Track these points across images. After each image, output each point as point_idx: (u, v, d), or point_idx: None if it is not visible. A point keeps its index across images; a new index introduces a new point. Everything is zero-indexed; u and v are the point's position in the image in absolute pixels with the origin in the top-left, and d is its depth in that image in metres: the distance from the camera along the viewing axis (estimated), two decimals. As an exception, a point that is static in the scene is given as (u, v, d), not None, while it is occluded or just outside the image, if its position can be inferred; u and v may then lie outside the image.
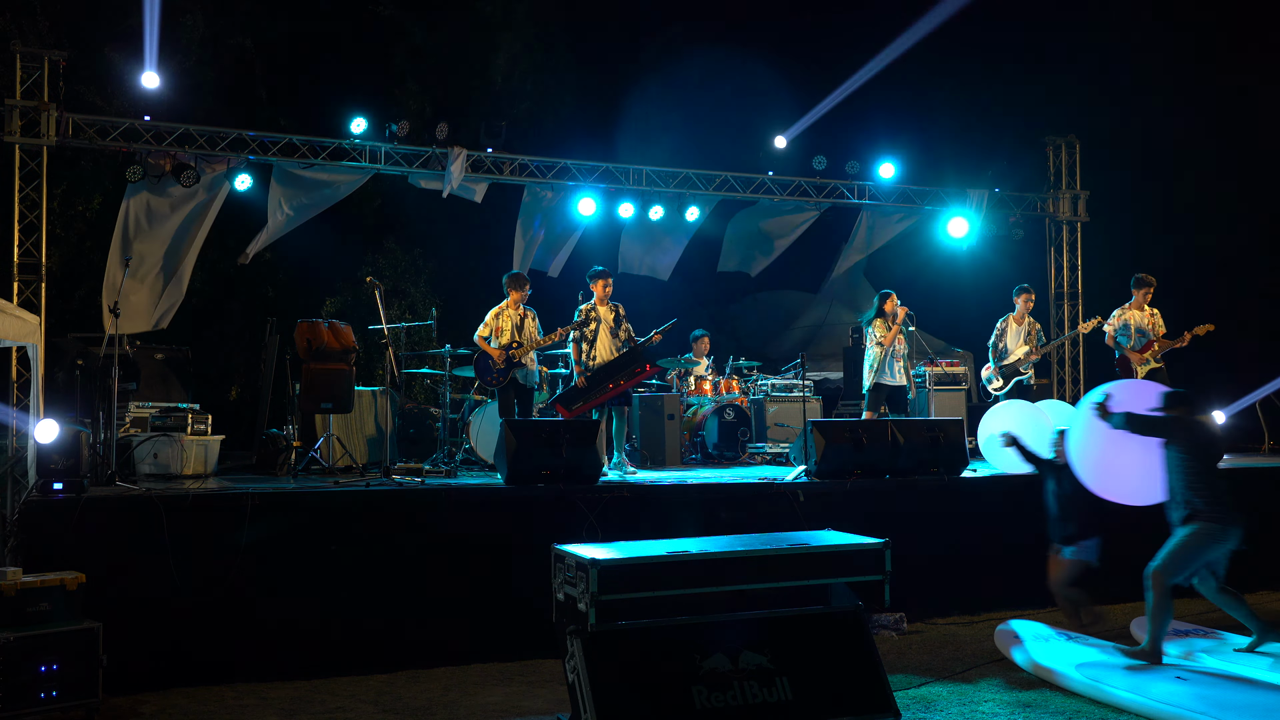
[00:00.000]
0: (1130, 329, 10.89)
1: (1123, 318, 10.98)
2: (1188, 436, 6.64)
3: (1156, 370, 10.72)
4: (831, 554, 5.85)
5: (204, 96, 14.36)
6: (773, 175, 13.46)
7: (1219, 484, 6.57)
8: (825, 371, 15.53)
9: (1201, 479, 6.54)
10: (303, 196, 11.71)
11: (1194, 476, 6.54)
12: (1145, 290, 10.92)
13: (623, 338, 9.59)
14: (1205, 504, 6.50)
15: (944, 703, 6.11)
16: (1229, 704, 5.67)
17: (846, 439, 8.55)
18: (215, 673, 6.63)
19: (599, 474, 8.01)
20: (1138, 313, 10.92)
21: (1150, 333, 10.84)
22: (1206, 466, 6.59)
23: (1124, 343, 10.89)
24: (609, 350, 9.54)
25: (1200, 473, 6.56)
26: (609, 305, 9.69)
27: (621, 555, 5.46)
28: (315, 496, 7.32)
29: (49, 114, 10.41)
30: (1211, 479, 6.57)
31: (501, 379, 9.30)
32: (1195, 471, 6.55)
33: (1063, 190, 14.46)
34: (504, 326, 9.38)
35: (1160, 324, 10.93)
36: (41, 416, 7.86)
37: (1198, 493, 6.52)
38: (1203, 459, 6.60)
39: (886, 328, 10.24)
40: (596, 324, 9.60)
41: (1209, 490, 6.52)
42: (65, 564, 6.23)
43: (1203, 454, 6.62)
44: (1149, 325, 10.87)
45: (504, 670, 6.96)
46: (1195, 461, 6.58)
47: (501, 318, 9.42)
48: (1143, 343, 10.82)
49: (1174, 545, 6.59)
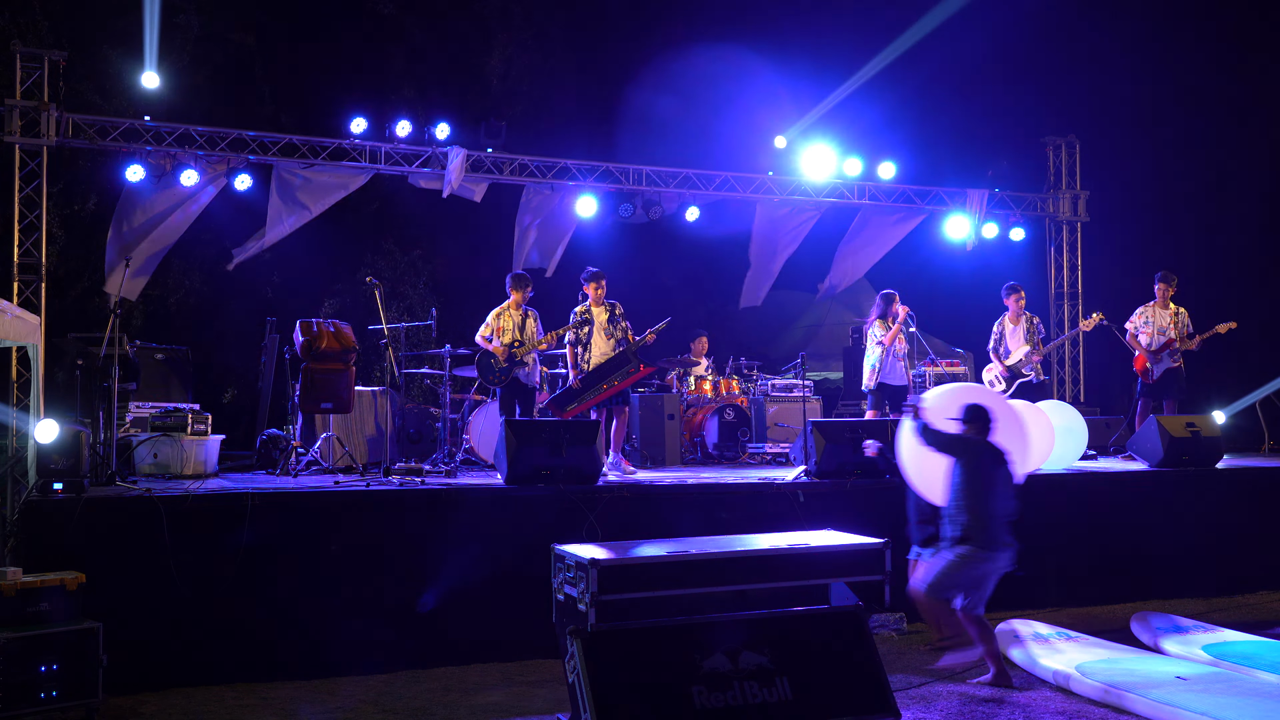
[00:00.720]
0: (1153, 328, 10.71)
1: (1144, 315, 10.81)
2: (971, 457, 6.37)
3: (1174, 370, 10.59)
4: (831, 554, 5.85)
5: (204, 97, 14.34)
6: (773, 175, 13.47)
7: (993, 509, 6.27)
8: (825, 371, 15.54)
9: (977, 500, 6.27)
10: (303, 205, 11.73)
11: (970, 498, 6.28)
12: (1167, 287, 10.73)
13: (618, 338, 9.57)
14: (974, 529, 6.25)
15: (944, 703, 6.11)
16: (1230, 704, 5.67)
17: (846, 439, 8.55)
18: (215, 673, 6.62)
19: (599, 474, 8.01)
20: (1161, 310, 10.74)
21: (1170, 331, 10.64)
22: (984, 489, 6.29)
23: (1144, 342, 10.73)
24: (603, 351, 9.54)
25: (977, 494, 6.28)
26: (604, 306, 9.67)
27: (621, 555, 5.45)
28: (315, 496, 7.32)
29: (49, 114, 10.41)
30: (986, 503, 6.27)
31: (504, 378, 9.31)
32: (972, 493, 6.29)
33: (1063, 190, 14.47)
34: (505, 326, 9.39)
35: (1186, 322, 10.70)
36: (41, 416, 7.86)
37: (970, 514, 6.27)
38: (982, 482, 6.31)
39: (887, 328, 10.24)
40: (590, 326, 9.60)
41: (979, 515, 6.25)
42: (65, 564, 6.23)
43: (982, 477, 6.32)
44: (1170, 324, 10.67)
45: (504, 670, 6.96)
46: (973, 483, 6.30)
47: (503, 318, 9.43)
48: (1161, 342, 10.66)
49: (941, 566, 6.35)
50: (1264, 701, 5.77)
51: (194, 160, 11.07)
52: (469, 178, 12.09)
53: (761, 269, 14.19)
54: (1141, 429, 9.95)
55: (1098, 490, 9.21)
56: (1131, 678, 6.19)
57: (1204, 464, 9.65)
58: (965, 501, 6.30)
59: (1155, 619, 7.66)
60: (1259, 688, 6.07)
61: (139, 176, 10.86)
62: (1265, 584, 9.42)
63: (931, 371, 11.98)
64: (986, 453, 6.43)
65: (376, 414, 9.96)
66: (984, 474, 6.35)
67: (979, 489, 6.30)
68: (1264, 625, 7.94)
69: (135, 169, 10.82)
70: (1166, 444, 9.47)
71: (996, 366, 10.85)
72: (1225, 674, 6.39)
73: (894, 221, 14.22)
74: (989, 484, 6.33)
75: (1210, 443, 9.68)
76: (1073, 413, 10.05)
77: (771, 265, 14.20)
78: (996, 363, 10.87)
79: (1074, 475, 9.36)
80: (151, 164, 10.91)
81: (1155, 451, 9.58)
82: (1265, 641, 7.18)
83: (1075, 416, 9.97)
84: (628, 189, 12.79)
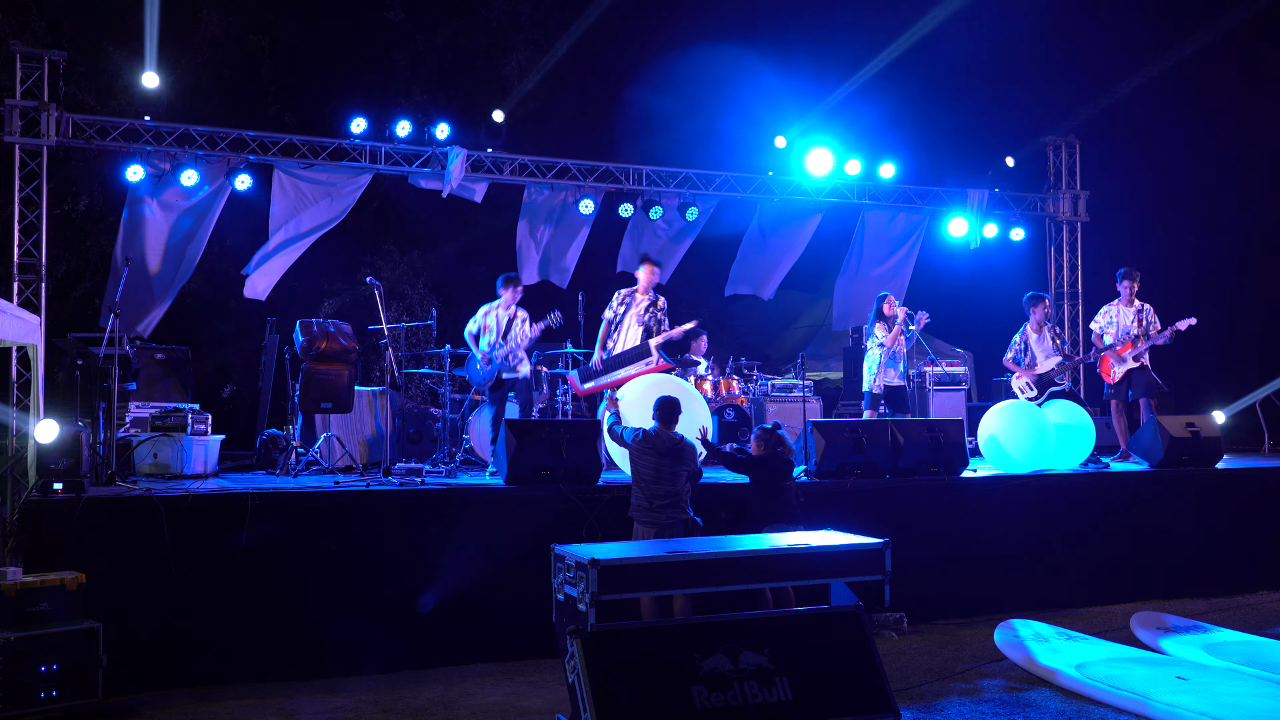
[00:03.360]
0: (1116, 327, 10.39)
1: (1108, 315, 10.51)
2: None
3: (1137, 370, 10.21)
4: (831, 554, 5.85)
5: (205, 96, 14.35)
6: (773, 175, 13.47)
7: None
8: (825, 372, 15.53)
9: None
10: (307, 216, 11.73)
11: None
12: (1131, 284, 10.37)
13: (648, 324, 9.50)
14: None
15: (944, 702, 6.11)
16: (1230, 704, 5.67)
17: (846, 439, 8.55)
18: (215, 673, 6.62)
19: (599, 474, 8.01)
20: (1126, 309, 10.39)
21: (1134, 330, 10.27)
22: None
23: (1108, 342, 10.40)
24: (630, 336, 9.51)
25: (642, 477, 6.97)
26: (648, 295, 9.61)
27: (621, 555, 5.45)
28: (315, 496, 7.31)
29: (49, 114, 10.41)
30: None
31: (488, 381, 9.33)
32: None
33: (1062, 190, 14.47)
34: (489, 325, 9.38)
35: (1152, 320, 10.28)
36: (41, 416, 7.86)
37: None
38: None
39: (888, 329, 10.24)
40: (627, 309, 9.55)
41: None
42: (65, 564, 6.23)
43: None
44: (1134, 322, 10.29)
45: (504, 670, 6.96)
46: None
47: (489, 316, 9.43)
48: (1123, 341, 10.31)
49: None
50: (1264, 701, 5.77)
51: (194, 160, 11.07)
52: (469, 177, 12.09)
53: (750, 262, 14.07)
54: (1142, 429, 9.93)
55: (1098, 490, 9.20)
56: (1131, 678, 6.19)
57: (1204, 464, 9.65)
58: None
59: (1155, 619, 7.66)
60: (1259, 688, 6.07)
61: (139, 176, 10.86)
62: (1265, 584, 9.42)
63: (931, 371, 11.98)
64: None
65: (376, 414, 9.96)
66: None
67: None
68: (1264, 625, 7.95)
69: (135, 169, 10.81)
70: (1166, 444, 9.47)
71: (1026, 375, 10.51)
72: (1225, 674, 6.38)
73: (897, 230, 14.15)
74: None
75: (1210, 443, 9.67)
76: (1081, 413, 9.97)
77: (767, 265, 14.12)
78: (1023, 372, 10.52)
79: (1074, 475, 9.35)
80: (151, 164, 10.91)
81: (1155, 451, 9.57)
82: (1265, 641, 7.18)
83: (1083, 417, 9.91)
84: (628, 189, 12.78)
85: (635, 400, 8.14)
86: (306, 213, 11.84)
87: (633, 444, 7.03)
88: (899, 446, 8.70)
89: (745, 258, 14.07)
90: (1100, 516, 9.03)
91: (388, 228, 16.41)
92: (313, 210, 11.85)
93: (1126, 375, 10.31)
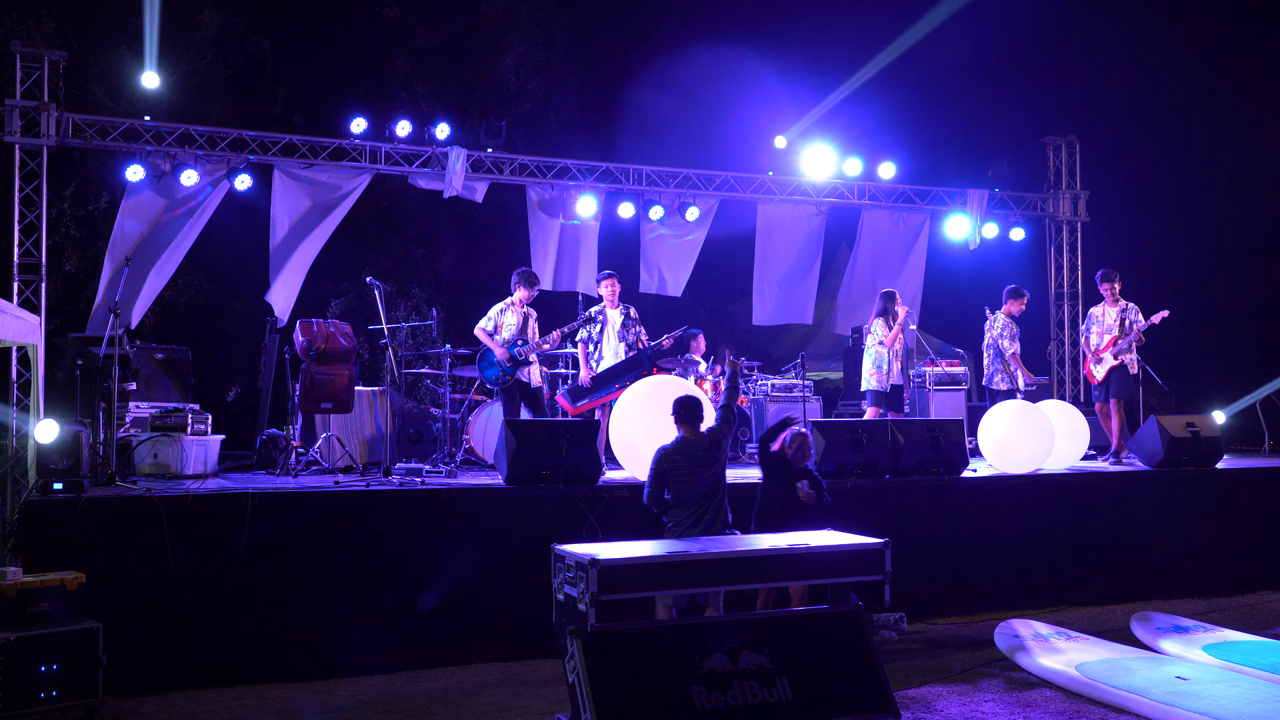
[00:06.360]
0: (1100, 327, 10.43)
1: (1092, 316, 10.58)
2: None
3: (1116, 369, 10.22)
4: (831, 554, 5.85)
5: (205, 96, 14.34)
6: (773, 175, 13.46)
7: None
8: (825, 371, 15.52)
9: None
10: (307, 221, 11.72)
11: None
12: (1111, 285, 10.41)
13: (630, 340, 9.60)
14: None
15: (944, 703, 6.11)
16: (1230, 704, 5.67)
17: (846, 439, 8.55)
18: (215, 673, 6.63)
19: (599, 474, 8.01)
20: (1110, 309, 10.43)
21: (1115, 329, 10.30)
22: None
23: (1092, 343, 10.46)
24: (614, 353, 9.57)
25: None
26: (619, 309, 9.70)
27: (621, 555, 5.46)
28: (315, 496, 7.32)
29: (49, 114, 10.41)
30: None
31: (507, 379, 9.25)
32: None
33: (1062, 190, 14.46)
34: (507, 323, 9.34)
35: (1133, 318, 10.29)
36: (41, 416, 7.86)
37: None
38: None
39: (888, 328, 10.24)
40: (603, 326, 9.62)
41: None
42: (65, 564, 6.23)
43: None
44: (1115, 322, 10.31)
45: (504, 670, 6.96)
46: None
47: (506, 314, 9.38)
48: (1105, 341, 10.35)
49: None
50: (1264, 702, 5.77)
51: (194, 160, 11.06)
52: (469, 177, 12.08)
53: (768, 282, 13.95)
54: (1142, 429, 9.94)
55: (1098, 490, 9.21)
56: (1131, 678, 6.19)
57: (1204, 464, 9.65)
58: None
59: (1155, 619, 7.67)
60: (1259, 688, 6.07)
61: (139, 176, 10.84)
62: (1265, 584, 9.43)
63: (931, 371, 11.97)
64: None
65: (376, 414, 9.96)
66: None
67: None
68: (1264, 625, 7.95)
69: (135, 169, 10.80)
70: (1166, 444, 9.47)
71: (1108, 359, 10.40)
72: (1225, 674, 6.39)
73: (898, 231, 14.11)
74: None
75: (1210, 443, 9.68)
76: (1074, 412, 10.04)
77: (787, 280, 13.99)
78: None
79: (1074, 475, 9.36)
80: (151, 164, 10.90)
81: (1155, 451, 9.58)
82: (1265, 641, 7.18)
83: (1077, 416, 9.96)
84: (628, 189, 12.78)
85: (636, 400, 8.09)
86: (305, 219, 11.81)
87: (668, 470, 6.63)
88: (899, 446, 8.70)
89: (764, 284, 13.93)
90: (1100, 517, 9.03)
91: (392, 227, 16.40)
92: (312, 214, 11.83)
93: (1107, 374, 10.34)
